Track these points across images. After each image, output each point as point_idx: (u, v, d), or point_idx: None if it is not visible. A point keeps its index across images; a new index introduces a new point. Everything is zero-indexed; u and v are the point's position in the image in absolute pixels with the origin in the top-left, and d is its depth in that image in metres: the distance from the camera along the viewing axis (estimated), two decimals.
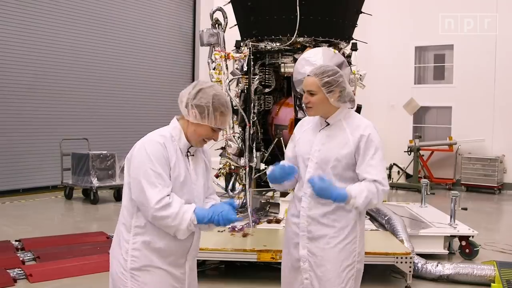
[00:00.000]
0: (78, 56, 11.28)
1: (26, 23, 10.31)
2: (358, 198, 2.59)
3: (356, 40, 6.75)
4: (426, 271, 5.11)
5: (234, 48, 6.54)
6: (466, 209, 6.64)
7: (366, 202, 2.60)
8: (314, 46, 6.16)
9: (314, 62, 5.33)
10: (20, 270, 5.12)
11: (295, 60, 6.00)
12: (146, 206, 2.24)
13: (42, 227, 7.31)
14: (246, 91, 6.24)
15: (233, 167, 6.19)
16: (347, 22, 6.59)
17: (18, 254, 5.73)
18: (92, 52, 11.57)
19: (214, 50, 6.24)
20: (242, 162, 6.08)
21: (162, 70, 13.23)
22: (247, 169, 6.05)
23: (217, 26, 6.39)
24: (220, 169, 6.29)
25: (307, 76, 2.77)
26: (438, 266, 5.11)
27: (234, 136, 6.20)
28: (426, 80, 13.94)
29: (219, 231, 5.50)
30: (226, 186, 6.27)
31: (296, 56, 6.16)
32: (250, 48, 6.18)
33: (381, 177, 2.64)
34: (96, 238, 6.66)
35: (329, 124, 2.77)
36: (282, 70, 6.43)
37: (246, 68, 6.21)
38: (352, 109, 2.83)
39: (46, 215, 8.41)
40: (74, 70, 11.21)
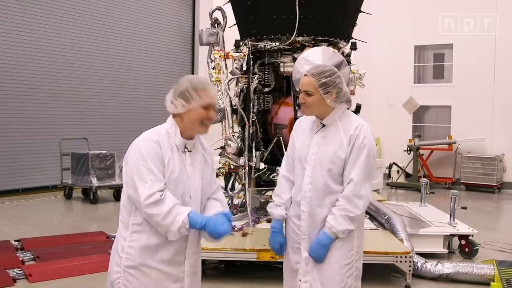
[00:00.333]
0: (78, 56, 11.28)
1: (26, 23, 10.30)
2: (334, 223, 2.61)
3: (355, 39, 6.74)
4: (425, 270, 5.11)
5: (234, 47, 6.54)
6: (465, 208, 6.63)
7: (343, 219, 2.60)
8: (314, 46, 6.16)
9: (313, 62, 5.32)
10: (19, 270, 5.12)
11: (295, 59, 5.99)
12: (139, 203, 2.27)
13: (42, 227, 7.31)
14: (245, 91, 6.24)
15: (232, 167, 6.19)
16: (347, 21, 6.59)
17: (18, 254, 5.72)
18: (91, 52, 11.56)
19: (214, 50, 6.24)
20: (242, 161, 6.08)
21: (162, 69, 13.22)
22: (247, 168, 6.05)
23: (216, 25, 6.38)
24: (219, 168, 6.29)
25: (304, 76, 2.74)
26: (437, 265, 5.11)
27: (233, 135, 6.20)
28: (426, 79, 13.95)
29: None
30: (226, 185, 6.26)
31: (295, 55, 6.15)
32: (249, 47, 6.18)
33: (357, 176, 2.62)
34: (95, 238, 6.65)
35: (324, 125, 2.76)
36: (282, 69, 6.43)
37: (245, 67, 6.21)
38: (348, 109, 2.81)
39: (45, 215, 8.41)
40: (74, 70, 11.20)
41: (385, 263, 5.03)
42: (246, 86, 6.22)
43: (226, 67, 6.22)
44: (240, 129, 6.34)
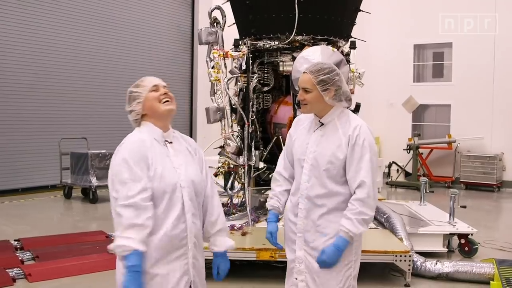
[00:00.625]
0: (77, 55, 11.26)
1: (25, 23, 10.29)
2: (352, 227, 2.59)
3: (354, 38, 6.74)
4: (425, 269, 5.11)
5: (233, 46, 6.53)
6: (465, 207, 6.63)
7: (359, 223, 2.60)
8: (313, 45, 6.16)
9: (312, 60, 5.32)
10: (19, 270, 5.12)
11: (294, 58, 5.99)
12: (116, 199, 2.31)
13: (41, 227, 7.31)
14: (244, 90, 6.23)
15: (232, 166, 6.18)
16: (346, 20, 6.59)
17: (17, 254, 5.73)
18: (90, 51, 11.55)
19: (213, 49, 6.24)
20: (241, 160, 6.08)
21: (161, 68, 13.20)
22: (246, 167, 6.05)
23: (215, 24, 6.38)
24: (219, 167, 6.29)
25: (303, 73, 2.75)
26: (437, 264, 5.11)
27: (232, 134, 6.20)
28: (425, 78, 13.94)
29: None
30: (225, 185, 6.26)
31: (294, 54, 6.15)
32: (248, 46, 6.18)
33: (368, 178, 2.64)
34: (95, 237, 6.65)
35: (323, 124, 2.76)
36: (281, 68, 6.44)
37: (244, 66, 6.21)
38: (348, 108, 2.81)
39: (45, 215, 8.41)
40: (73, 69, 11.19)
41: (384, 262, 5.04)
42: (245, 85, 6.21)
43: (225, 66, 6.22)
44: (239, 128, 6.34)
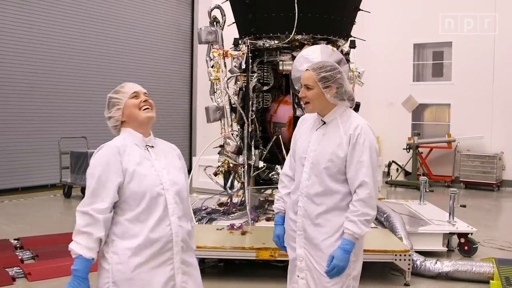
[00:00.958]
0: (76, 55, 11.26)
1: (23, 22, 10.28)
2: (356, 229, 2.59)
3: (354, 37, 6.74)
4: (425, 269, 5.11)
5: (232, 46, 6.53)
6: (465, 206, 6.64)
7: (363, 224, 2.60)
8: (313, 44, 6.16)
9: (312, 60, 5.32)
10: (18, 269, 5.12)
11: (294, 57, 5.99)
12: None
13: (41, 226, 7.30)
14: (244, 89, 6.23)
15: (231, 165, 6.19)
16: (346, 19, 6.59)
17: (17, 253, 5.73)
18: (90, 50, 11.55)
19: (212, 48, 6.24)
20: (241, 160, 6.08)
21: (161, 68, 13.21)
22: (246, 167, 6.05)
23: (215, 24, 6.38)
24: (218, 167, 6.29)
25: (306, 70, 2.76)
26: (437, 263, 5.12)
27: (232, 134, 6.20)
28: (425, 77, 13.93)
29: (218, 229, 5.51)
30: (225, 184, 6.26)
31: (294, 53, 6.15)
32: (248, 46, 6.17)
33: (369, 178, 2.63)
34: None
35: (325, 122, 2.76)
36: (281, 67, 6.44)
37: (244, 66, 6.21)
38: (351, 107, 2.81)
39: (45, 214, 8.41)
40: (72, 68, 11.19)
41: (384, 261, 5.03)
42: (245, 84, 6.21)
43: (225, 66, 6.22)
44: (239, 127, 6.34)
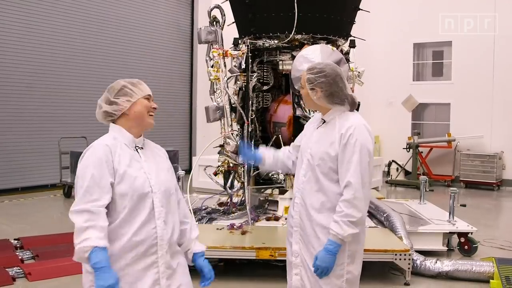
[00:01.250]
0: (76, 54, 11.26)
1: (23, 22, 10.27)
2: (339, 230, 2.57)
3: (354, 37, 6.74)
4: (425, 268, 5.11)
5: (232, 45, 6.53)
6: (465, 205, 6.64)
7: (346, 225, 2.57)
8: (312, 43, 6.16)
9: (312, 59, 5.33)
10: (19, 269, 5.12)
11: (293, 57, 5.99)
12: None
13: (41, 226, 7.30)
14: (244, 89, 6.23)
15: (231, 165, 6.19)
16: (345, 19, 6.58)
17: (17, 253, 5.73)
18: (90, 50, 11.54)
19: (212, 48, 6.24)
20: (241, 160, 6.08)
21: (161, 68, 13.21)
22: (246, 166, 6.05)
23: (215, 23, 6.37)
24: (218, 166, 6.29)
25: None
26: (437, 263, 5.12)
27: (232, 133, 6.20)
28: (425, 77, 13.93)
29: (218, 229, 5.51)
30: (225, 183, 6.26)
31: (294, 53, 6.15)
32: (248, 45, 6.17)
33: (355, 179, 2.58)
34: None
35: (325, 121, 2.79)
36: (280, 67, 6.43)
37: (244, 65, 6.20)
38: (351, 111, 2.79)
39: (45, 214, 8.41)
40: (72, 68, 11.19)
41: (384, 261, 5.03)
42: (245, 84, 6.21)
43: (225, 65, 6.21)
44: (239, 127, 6.34)
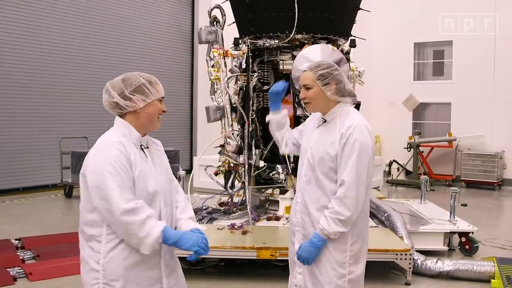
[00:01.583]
0: (77, 54, 11.26)
1: (23, 21, 10.28)
2: (325, 225, 2.59)
3: (354, 36, 6.73)
4: (426, 268, 5.11)
5: (233, 45, 6.53)
6: (466, 205, 6.64)
7: (334, 222, 2.58)
8: (313, 43, 6.16)
9: (312, 59, 5.32)
10: (20, 269, 5.13)
11: (294, 57, 5.99)
12: (111, 212, 2.14)
13: (42, 226, 7.31)
14: (244, 89, 6.23)
15: (232, 165, 6.18)
16: (346, 18, 6.58)
17: (18, 253, 5.73)
18: (91, 50, 11.55)
19: (213, 48, 6.23)
20: (241, 159, 6.08)
21: (161, 68, 13.21)
22: (246, 166, 6.05)
23: (215, 23, 6.37)
24: (219, 166, 6.29)
25: (303, 71, 2.80)
26: (437, 262, 5.12)
27: (233, 133, 6.20)
28: (425, 76, 13.92)
29: (219, 229, 5.51)
30: (226, 183, 6.26)
31: (294, 53, 6.15)
32: (248, 45, 6.17)
33: (349, 178, 2.58)
34: None
35: (326, 121, 2.78)
36: (281, 67, 6.43)
37: (244, 65, 6.20)
38: (354, 104, 2.83)
39: (46, 214, 8.42)
40: (73, 68, 11.19)
41: (385, 261, 5.03)
42: (245, 84, 6.21)
43: (225, 65, 6.21)
44: (239, 127, 6.34)
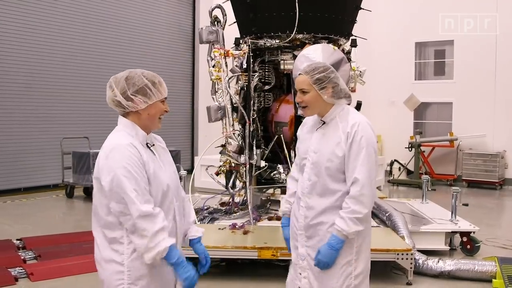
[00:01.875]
0: (79, 54, 11.27)
1: (25, 21, 10.29)
2: (344, 226, 2.58)
3: (355, 36, 6.73)
4: (427, 268, 5.11)
5: (234, 45, 6.53)
6: (467, 205, 6.63)
7: (352, 221, 2.58)
8: (314, 43, 6.15)
9: (313, 59, 5.32)
10: (21, 269, 5.13)
11: (295, 57, 5.99)
12: (129, 215, 2.16)
13: (43, 226, 7.32)
14: (245, 89, 6.23)
15: (233, 165, 6.18)
16: (347, 18, 6.58)
17: (19, 253, 5.74)
18: (91, 51, 11.56)
19: (214, 48, 6.23)
20: (242, 159, 6.08)
21: (162, 68, 13.20)
22: (247, 166, 6.05)
23: (216, 23, 6.37)
24: (220, 166, 6.29)
25: (299, 75, 2.77)
26: (439, 262, 5.11)
27: (234, 133, 6.20)
28: (427, 76, 13.91)
29: (220, 229, 5.51)
30: (227, 183, 6.26)
31: (295, 53, 6.15)
32: (249, 45, 6.17)
33: (362, 175, 2.58)
34: None
35: (325, 122, 2.76)
36: (282, 67, 6.43)
37: (245, 65, 6.20)
38: (348, 105, 2.82)
39: (47, 214, 8.43)
40: (74, 68, 11.20)
41: (386, 260, 5.03)
42: (247, 84, 6.21)
43: (226, 65, 6.21)
44: (240, 127, 6.34)
